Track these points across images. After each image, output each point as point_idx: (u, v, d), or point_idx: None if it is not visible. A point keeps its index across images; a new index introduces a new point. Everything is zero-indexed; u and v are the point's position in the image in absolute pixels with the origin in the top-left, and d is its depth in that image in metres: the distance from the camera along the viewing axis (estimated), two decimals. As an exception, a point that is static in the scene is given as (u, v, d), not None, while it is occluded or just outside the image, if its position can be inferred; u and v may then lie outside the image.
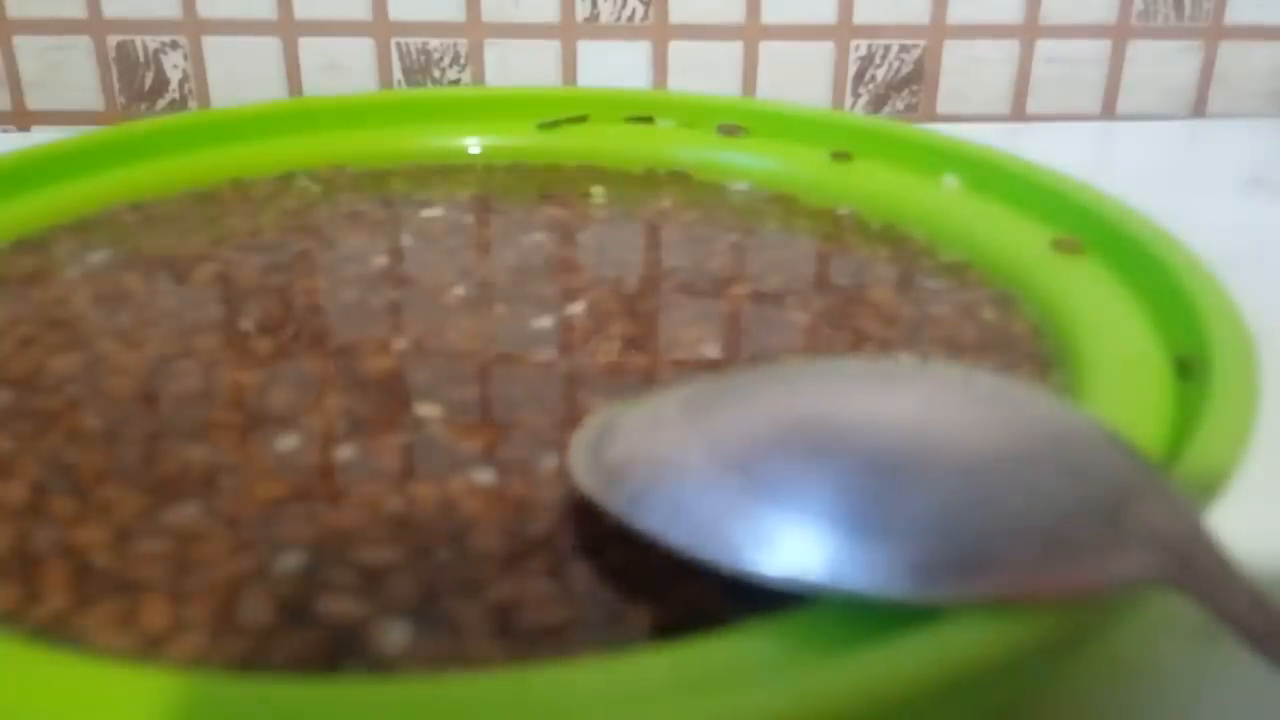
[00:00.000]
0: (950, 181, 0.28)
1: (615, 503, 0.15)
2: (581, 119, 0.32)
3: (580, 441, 0.17)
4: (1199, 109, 0.46)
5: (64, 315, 0.22)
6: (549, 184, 0.30)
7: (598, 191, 0.29)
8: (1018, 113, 0.46)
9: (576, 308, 0.23)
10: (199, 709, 0.12)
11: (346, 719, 0.12)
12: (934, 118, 0.46)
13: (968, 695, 0.13)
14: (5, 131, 0.45)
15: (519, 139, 0.32)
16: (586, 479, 0.16)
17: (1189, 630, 0.18)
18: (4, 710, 0.12)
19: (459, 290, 0.23)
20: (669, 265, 0.25)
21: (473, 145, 0.32)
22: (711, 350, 0.21)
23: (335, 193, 0.29)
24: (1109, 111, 0.46)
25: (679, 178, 0.30)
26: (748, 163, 0.30)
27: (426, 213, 0.28)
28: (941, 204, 0.27)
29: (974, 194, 0.27)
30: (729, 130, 0.31)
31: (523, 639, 0.14)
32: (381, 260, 0.25)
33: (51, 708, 0.12)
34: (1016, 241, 0.25)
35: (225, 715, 0.12)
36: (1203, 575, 0.13)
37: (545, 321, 0.22)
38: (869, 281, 0.24)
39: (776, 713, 0.12)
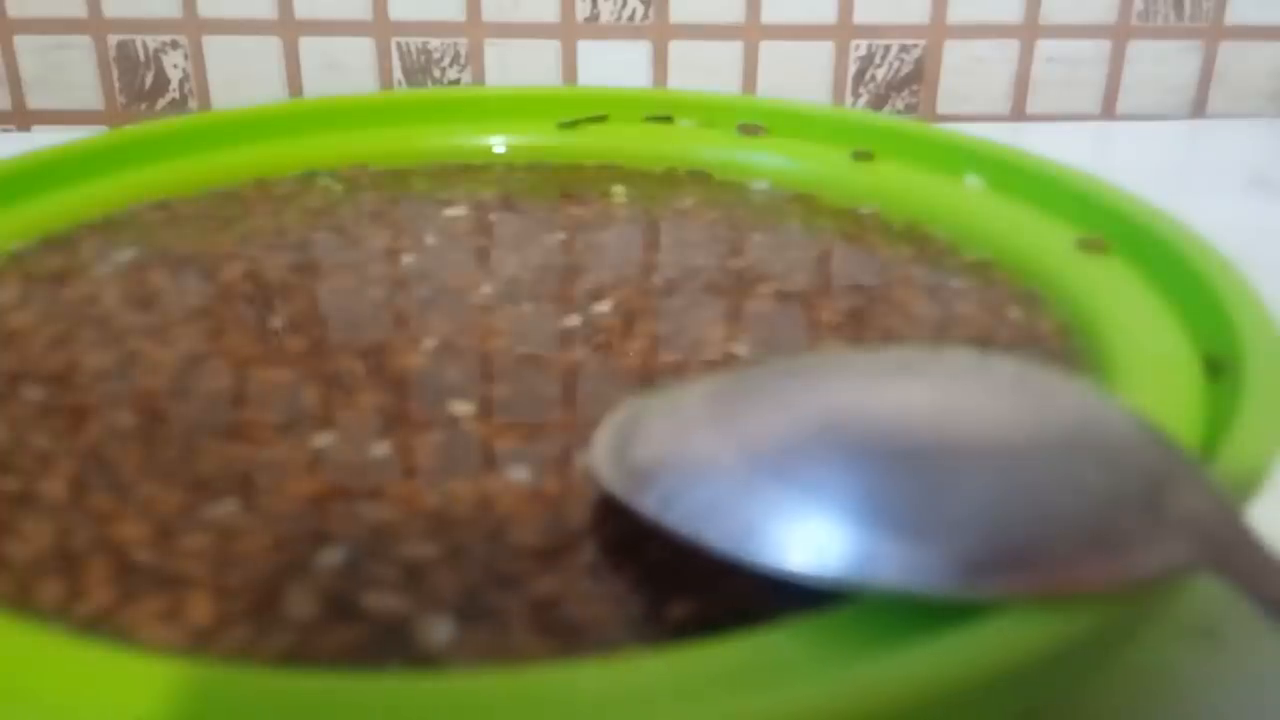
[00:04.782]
0: (972, 181, 0.28)
1: (646, 505, 0.15)
2: (601, 118, 0.32)
3: (603, 443, 0.17)
4: (1199, 109, 0.47)
5: (94, 313, 0.22)
6: (570, 183, 0.30)
7: (618, 191, 0.29)
8: (1018, 113, 0.46)
9: (603, 306, 0.23)
10: (246, 703, 0.12)
11: (395, 714, 0.12)
12: (934, 118, 0.46)
13: (1010, 693, 0.13)
14: (6, 131, 0.45)
15: (539, 138, 0.32)
16: (614, 482, 0.16)
17: (1195, 631, 0.18)
18: (54, 705, 0.12)
19: (486, 289, 0.24)
20: (692, 265, 0.25)
21: (493, 144, 0.32)
22: (741, 349, 0.21)
23: (357, 192, 0.29)
24: (1109, 111, 0.46)
25: (699, 177, 0.30)
26: (768, 162, 0.30)
27: (449, 212, 0.28)
28: (964, 203, 0.27)
29: (996, 193, 0.27)
30: (749, 130, 0.31)
31: (565, 635, 0.14)
32: (407, 259, 0.25)
33: (100, 702, 0.12)
34: (1040, 240, 0.25)
35: (273, 709, 0.12)
36: (1241, 559, 0.13)
37: (573, 320, 0.22)
38: (893, 281, 0.24)
39: (821, 710, 0.12)
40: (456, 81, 0.45)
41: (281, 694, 0.12)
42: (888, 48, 0.45)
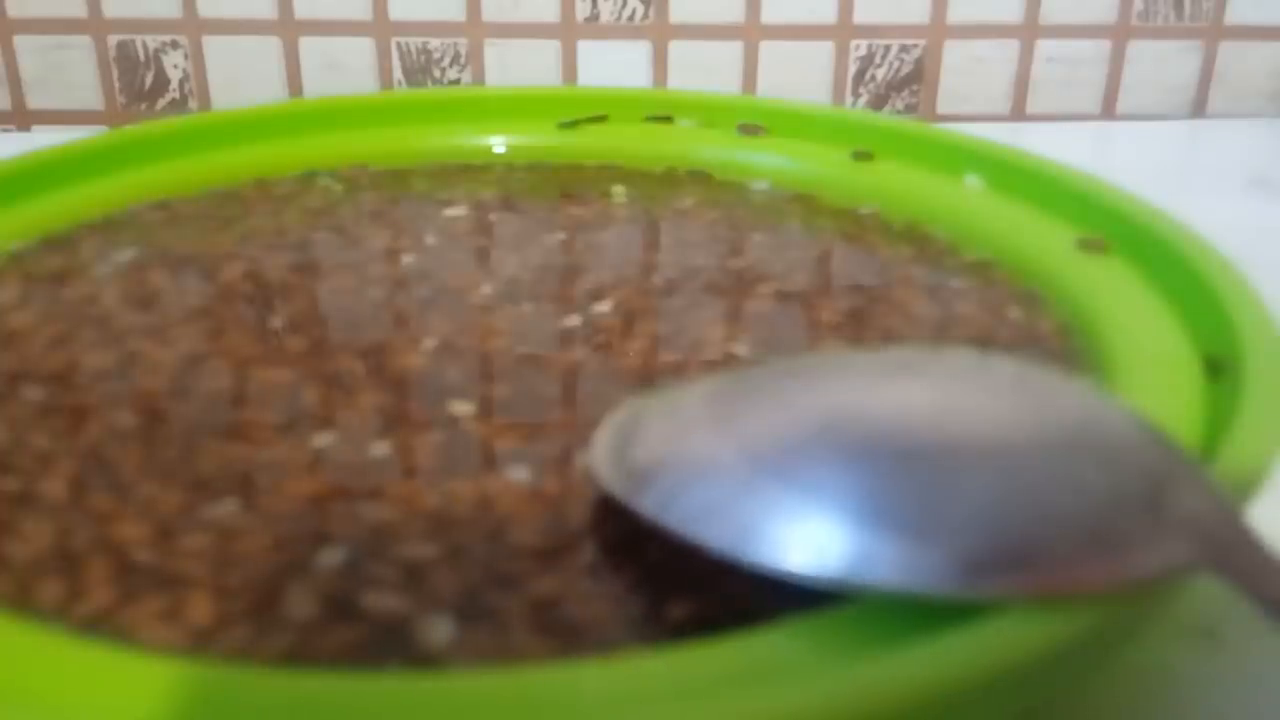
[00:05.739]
0: (972, 181, 0.28)
1: (646, 505, 0.15)
2: (601, 118, 0.32)
3: (602, 443, 0.17)
4: (1199, 109, 0.47)
5: (94, 313, 0.22)
6: (570, 183, 0.30)
7: (618, 191, 0.29)
8: (1018, 113, 0.46)
9: (604, 306, 0.23)
10: (246, 703, 0.12)
11: (395, 714, 0.12)
12: (934, 118, 0.46)
13: (1010, 693, 0.13)
14: (6, 131, 0.45)
15: (539, 138, 0.32)
16: (614, 482, 0.16)
17: (1195, 631, 0.18)
18: (54, 705, 0.12)
19: (486, 289, 0.24)
20: (692, 265, 0.25)
21: (493, 144, 0.32)
22: (741, 349, 0.21)
23: (357, 192, 0.29)
24: (1109, 111, 0.46)
25: (699, 177, 0.30)
26: (768, 162, 0.30)
27: (449, 212, 0.28)
28: (964, 203, 0.27)
29: (996, 193, 0.27)
30: (749, 130, 0.31)
31: (565, 635, 0.14)
32: (407, 259, 0.25)
33: (100, 702, 0.12)
34: (1040, 240, 0.25)
35: (273, 709, 0.12)
36: (1241, 559, 0.13)
37: (573, 320, 0.22)
38: (893, 281, 0.24)
39: (820, 710, 0.12)
40: (456, 81, 0.45)
41: (281, 694, 0.12)
42: (888, 48, 0.45)
